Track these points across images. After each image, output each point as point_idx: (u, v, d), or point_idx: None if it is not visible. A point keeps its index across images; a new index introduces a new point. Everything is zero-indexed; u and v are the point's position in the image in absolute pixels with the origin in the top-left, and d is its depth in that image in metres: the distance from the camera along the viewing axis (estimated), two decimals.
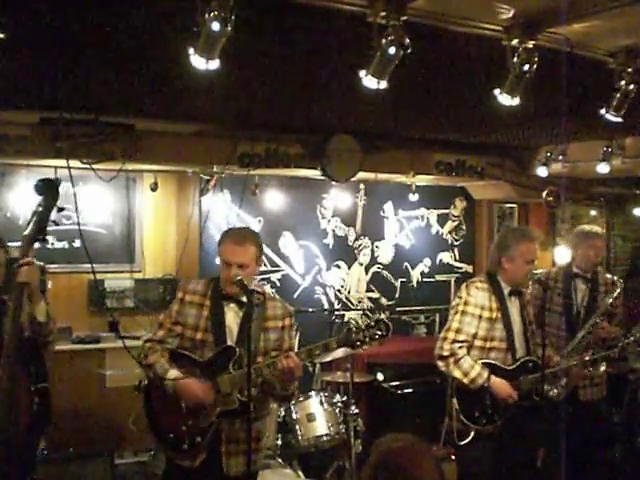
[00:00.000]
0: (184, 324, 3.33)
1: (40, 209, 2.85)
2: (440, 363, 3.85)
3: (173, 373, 3.23)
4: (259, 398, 3.30)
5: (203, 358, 3.29)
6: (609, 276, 4.83)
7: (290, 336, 3.46)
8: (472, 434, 3.82)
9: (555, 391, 4.09)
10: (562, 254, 6.90)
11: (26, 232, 2.86)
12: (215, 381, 3.22)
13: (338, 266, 6.76)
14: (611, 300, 4.52)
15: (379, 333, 3.24)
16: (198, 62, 2.77)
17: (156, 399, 3.35)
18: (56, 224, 3.05)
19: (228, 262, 3.24)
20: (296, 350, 3.39)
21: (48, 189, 2.88)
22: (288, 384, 3.32)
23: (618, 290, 4.58)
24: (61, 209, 2.93)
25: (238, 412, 3.23)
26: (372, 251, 6.95)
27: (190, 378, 3.23)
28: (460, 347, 3.81)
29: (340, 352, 4.91)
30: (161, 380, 3.24)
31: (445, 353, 3.83)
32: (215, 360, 3.27)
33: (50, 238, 5.52)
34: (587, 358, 4.17)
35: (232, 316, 3.33)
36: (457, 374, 3.79)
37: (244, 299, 3.27)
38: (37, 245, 2.90)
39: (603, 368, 4.40)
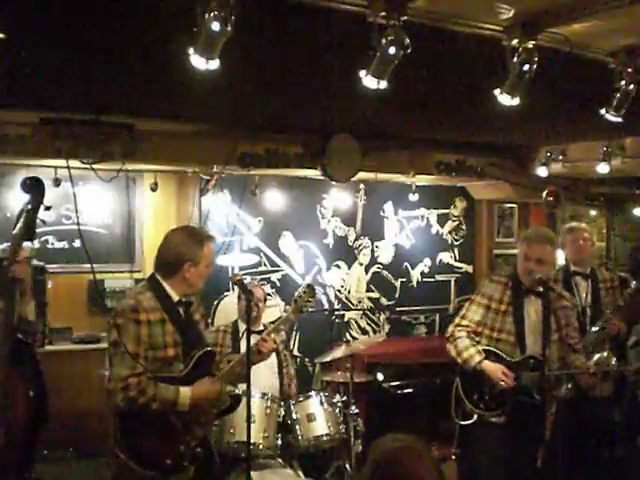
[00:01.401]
0: (155, 346, 3.13)
1: (28, 208, 2.85)
2: (446, 343, 4.15)
3: (186, 390, 3.13)
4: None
5: (176, 372, 3.19)
6: (608, 272, 4.88)
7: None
8: (475, 417, 3.91)
9: (563, 390, 4.10)
10: (562, 254, 6.89)
11: (15, 231, 2.85)
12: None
13: (338, 266, 6.75)
14: (625, 295, 4.57)
15: (311, 297, 3.67)
16: (198, 62, 2.77)
17: (142, 435, 3.11)
18: (44, 223, 3.04)
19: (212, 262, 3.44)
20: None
21: (35, 188, 2.88)
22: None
23: (633, 286, 4.61)
24: (48, 208, 2.92)
25: (231, 408, 3.36)
26: (372, 251, 6.95)
27: (202, 384, 3.19)
28: (460, 330, 4.06)
29: (340, 352, 4.92)
30: (174, 401, 3.10)
31: (447, 334, 4.14)
32: (196, 368, 3.22)
33: (50, 238, 5.52)
34: (592, 368, 4.17)
35: (185, 321, 3.30)
36: (452, 353, 4.05)
37: (185, 300, 3.32)
38: (37, 245, 2.90)
39: (614, 360, 4.41)
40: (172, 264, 3.25)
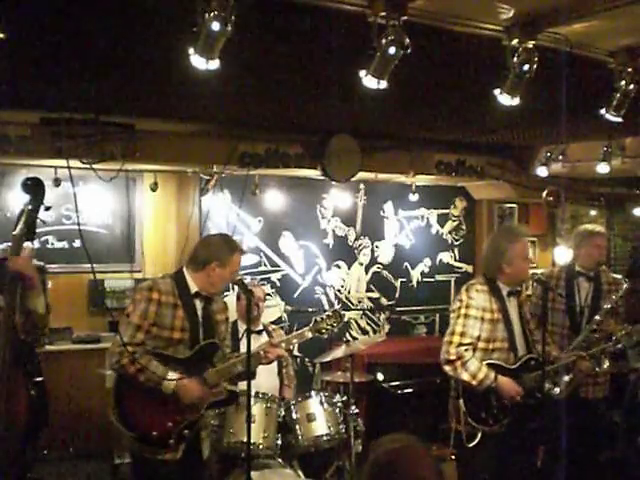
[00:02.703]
0: (161, 325, 3.40)
1: (28, 208, 2.85)
2: (447, 367, 3.86)
3: (173, 374, 3.34)
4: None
5: (179, 355, 3.43)
6: (613, 275, 4.85)
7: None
8: (479, 435, 3.84)
9: (557, 389, 4.10)
10: (562, 254, 6.90)
11: (15, 232, 2.84)
12: (202, 375, 3.43)
13: (338, 266, 6.75)
14: (615, 298, 4.53)
15: (335, 323, 3.90)
16: (198, 62, 2.77)
17: (134, 400, 3.36)
18: (44, 223, 3.04)
19: (237, 270, 3.62)
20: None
21: (35, 188, 2.88)
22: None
23: (624, 288, 4.58)
24: (48, 208, 2.93)
25: (225, 402, 3.56)
26: (372, 251, 6.95)
27: (188, 379, 3.37)
28: (466, 350, 3.82)
29: (340, 352, 4.92)
30: (159, 381, 3.31)
31: (452, 357, 3.83)
32: (198, 355, 3.46)
33: (50, 238, 5.52)
34: (583, 354, 4.19)
35: (199, 313, 3.54)
36: (465, 377, 3.79)
37: (204, 294, 3.55)
38: (37, 245, 2.89)
39: (607, 365, 4.41)
40: (202, 260, 3.53)
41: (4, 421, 2.70)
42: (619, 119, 3.62)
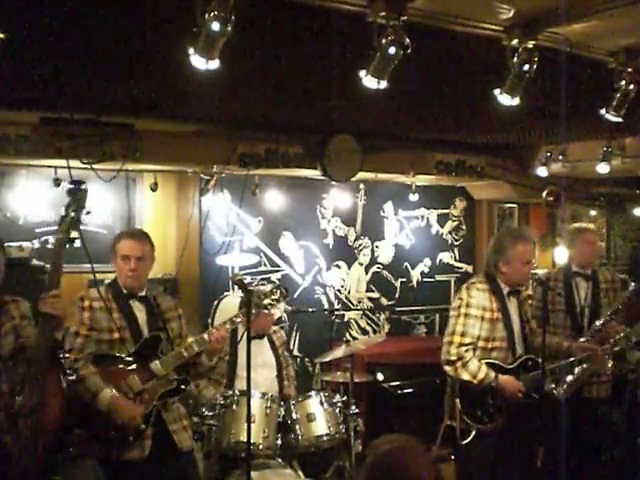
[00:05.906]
0: (99, 329, 3.49)
1: (72, 212, 2.90)
2: (447, 368, 3.86)
3: (107, 392, 3.35)
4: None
5: (125, 353, 3.48)
6: (610, 273, 4.87)
7: (184, 322, 3.83)
8: (473, 433, 3.83)
9: (560, 390, 4.10)
10: (562, 254, 6.90)
11: (58, 235, 2.89)
12: (149, 367, 3.46)
13: (338, 266, 6.75)
14: (622, 298, 4.54)
15: (279, 296, 3.78)
16: (198, 62, 2.77)
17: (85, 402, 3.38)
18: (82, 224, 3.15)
19: (127, 256, 3.59)
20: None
21: (80, 192, 2.95)
22: (214, 355, 3.69)
23: (631, 288, 4.58)
24: (89, 212, 3.01)
25: (177, 391, 3.54)
26: (372, 251, 6.95)
27: (123, 399, 3.38)
28: (466, 350, 3.82)
29: (340, 352, 4.92)
30: (93, 396, 3.34)
31: (453, 358, 3.82)
32: (142, 350, 3.50)
33: (50, 238, 5.51)
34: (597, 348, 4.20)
35: (138, 312, 3.59)
36: (466, 377, 3.79)
37: (143, 294, 3.63)
38: (37, 245, 2.92)
39: (610, 364, 4.42)
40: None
41: (37, 422, 2.72)
42: (619, 119, 3.63)
